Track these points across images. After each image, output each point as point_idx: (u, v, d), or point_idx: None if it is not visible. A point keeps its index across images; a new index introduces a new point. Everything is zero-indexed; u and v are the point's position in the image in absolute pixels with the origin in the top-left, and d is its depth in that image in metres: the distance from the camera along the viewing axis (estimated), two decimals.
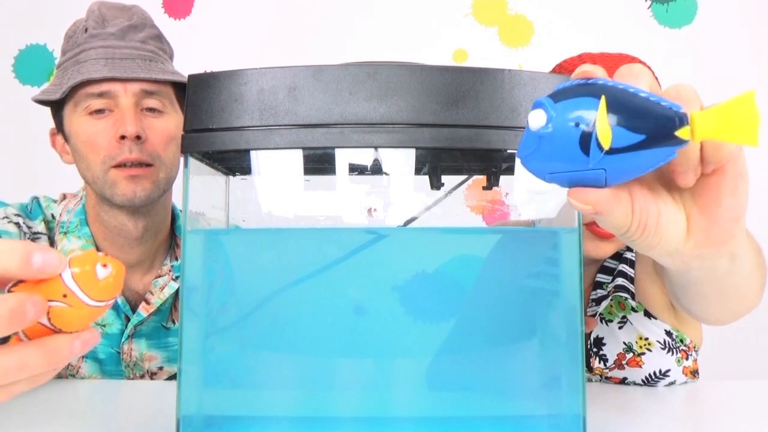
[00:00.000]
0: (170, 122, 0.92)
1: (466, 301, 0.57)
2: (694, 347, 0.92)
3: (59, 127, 0.94)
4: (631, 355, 0.90)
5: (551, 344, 0.57)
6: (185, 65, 0.95)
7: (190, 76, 0.54)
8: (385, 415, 0.56)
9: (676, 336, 0.91)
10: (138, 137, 0.87)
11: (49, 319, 0.37)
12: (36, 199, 0.97)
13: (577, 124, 0.33)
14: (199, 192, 0.58)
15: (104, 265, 0.37)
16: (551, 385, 0.57)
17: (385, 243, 0.56)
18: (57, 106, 0.92)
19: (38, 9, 1.91)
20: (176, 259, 1.00)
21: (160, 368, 0.97)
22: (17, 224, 0.91)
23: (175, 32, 1.82)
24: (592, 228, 0.83)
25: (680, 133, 0.33)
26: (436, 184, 0.63)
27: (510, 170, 0.59)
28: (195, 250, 0.56)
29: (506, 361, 0.57)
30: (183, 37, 1.82)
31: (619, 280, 0.91)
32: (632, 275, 0.92)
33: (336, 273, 0.55)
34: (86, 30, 0.90)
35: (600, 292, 0.94)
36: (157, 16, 1.83)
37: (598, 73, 0.36)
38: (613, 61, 0.85)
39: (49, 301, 0.36)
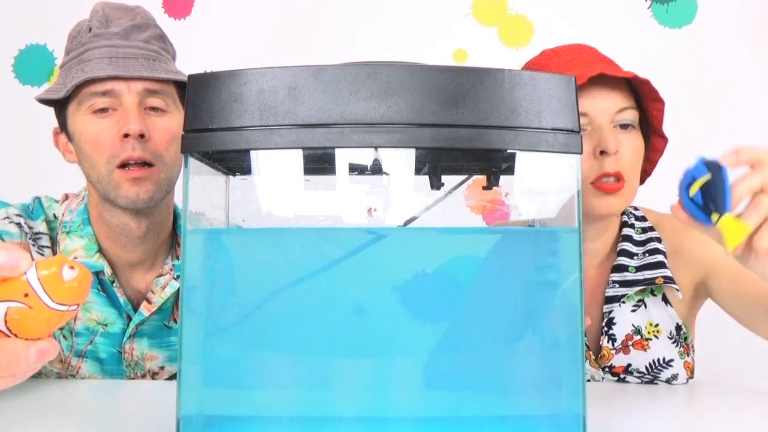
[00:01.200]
0: (173, 121, 0.92)
1: (466, 301, 0.57)
2: (692, 349, 0.95)
3: (63, 126, 0.94)
4: (639, 338, 0.92)
5: (551, 344, 0.57)
6: (185, 65, 0.96)
7: (190, 76, 0.54)
8: (385, 415, 0.56)
9: (683, 333, 0.93)
10: (141, 135, 0.87)
11: (5, 321, 0.35)
12: (38, 199, 0.98)
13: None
14: (199, 192, 0.58)
15: (71, 268, 0.36)
16: (551, 385, 0.57)
17: (385, 243, 0.56)
18: (60, 106, 0.92)
19: (38, 9, 1.91)
20: (177, 258, 1.00)
21: (162, 368, 0.97)
22: (18, 224, 0.91)
23: (175, 32, 1.81)
24: (597, 184, 0.85)
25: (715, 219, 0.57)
26: (436, 184, 0.63)
27: (510, 170, 0.59)
28: (195, 250, 0.56)
29: (506, 361, 0.57)
30: (183, 37, 1.81)
31: (663, 272, 0.92)
32: (663, 260, 0.93)
33: (336, 273, 0.55)
34: (90, 30, 0.90)
35: (627, 275, 0.93)
36: (157, 16, 1.82)
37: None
38: (570, 47, 0.92)
39: (9, 301, 0.35)
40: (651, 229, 0.97)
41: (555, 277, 0.57)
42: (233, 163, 0.62)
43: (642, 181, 0.94)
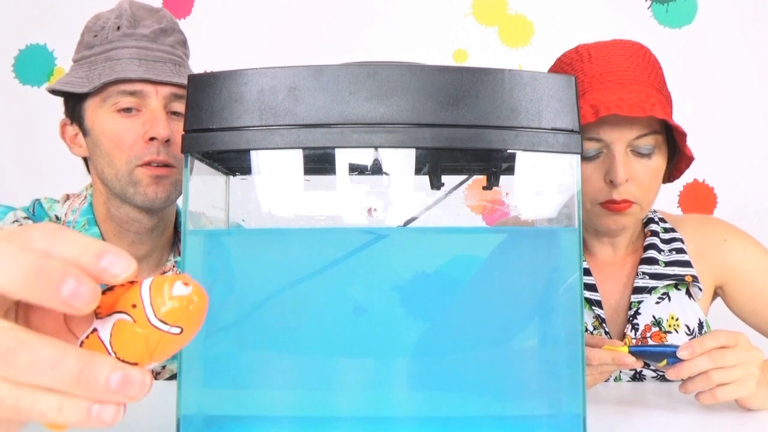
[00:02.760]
0: None
1: (467, 301, 0.57)
2: None
3: (76, 118, 0.93)
4: (657, 329, 0.93)
5: (551, 344, 0.57)
6: None
7: (190, 76, 0.54)
8: (385, 415, 0.56)
9: (705, 332, 0.94)
10: (167, 141, 0.88)
11: (111, 335, 0.30)
12: (37, 201, 0.97)
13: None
14: (199, 192, 0.58)
15: (185, 284, 0.31)
16: (551, 385, 0.57)
17: (385, 243, 0.56)
18: (77, 98, 0.92)
19: (38, 9, 1.91)
20: (179, 254, 1.01)
21: (163, 367, 0.97)
22: None
23: None
24: (606, 206, 0.86)
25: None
26: (436, 184, 0.63)
27: (510, 170, 0.59)
28: (195, 250, 0.56)
29: (506, 361, 0.57)
30: None
31: (692, 271, 0.94)
32: (689, 259, 0.95)
33: (336, 273, 0.55)
34: (119, 28, 0.90)
35: (657, 268, 0.94)
36: None
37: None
38: (607, 48, 0.88)
39: (120, 312, 0.31)
40: (672, 230, 0.99)
41: (555, 277, 0.57)
42: (233, 163, 0.62)
43: (670, 180, 0.95)
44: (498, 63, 1.74)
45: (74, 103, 0.93)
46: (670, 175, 0.95)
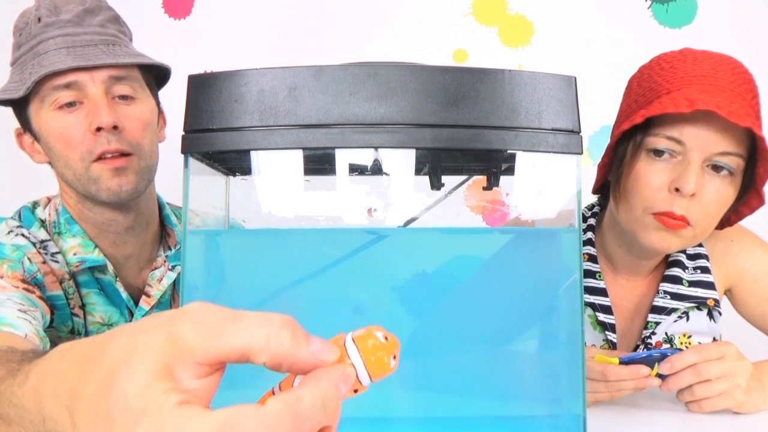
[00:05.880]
0: (144, 108, 0.88)
1: (467, 301, 0.57)
2: None
3: (26, 125, 0.88)
4: (668, 346, 0.90)
5: (552, 344, 0.57)
6: (185, 65, 0.94)
7: (190, 76, 0.54)
8: (386, 415, 0.56)
9: None
10: (115, 127, 0.83)
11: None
12: (22, 208, 0.93)
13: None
14: (199, 192, 0.58)
15: (394, 357, 0.33)
16: (551, 386, 0.57)
17: (386, 243, 0.56)
18: (20, 104, 0.86)
19: None
20: (169, 248, 0.98)
21: None
22: (23, 235, 0.87)
23: (175, 32, 1.82)
24: (660, 218, 0.78)
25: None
26: (436, 185, 0.63)
27: (510, 170, 0.59)
28: (195, 250, 0.56)
29: (507, 362, 0.57)
30: (183, 37, 1.81)
31: (715, 294, 0.90)
32: (713, 280, 0.91)
33: (336, 273, 0.55)
34: (39, 19, 0.84)
35: (681, 288, 0.90)
36: (157, 16, 1.83)
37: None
38: (714, 58, 0.83)
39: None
40: (699, 243, 0.92)
41: (555, 278, 0.57)
42: (233, 163, 0.62)
43: (721, 227, 0.87)
44: (498, 63, 1.74)
45: (20, 110, 0.87)
46: (728, 219, 0.87)
